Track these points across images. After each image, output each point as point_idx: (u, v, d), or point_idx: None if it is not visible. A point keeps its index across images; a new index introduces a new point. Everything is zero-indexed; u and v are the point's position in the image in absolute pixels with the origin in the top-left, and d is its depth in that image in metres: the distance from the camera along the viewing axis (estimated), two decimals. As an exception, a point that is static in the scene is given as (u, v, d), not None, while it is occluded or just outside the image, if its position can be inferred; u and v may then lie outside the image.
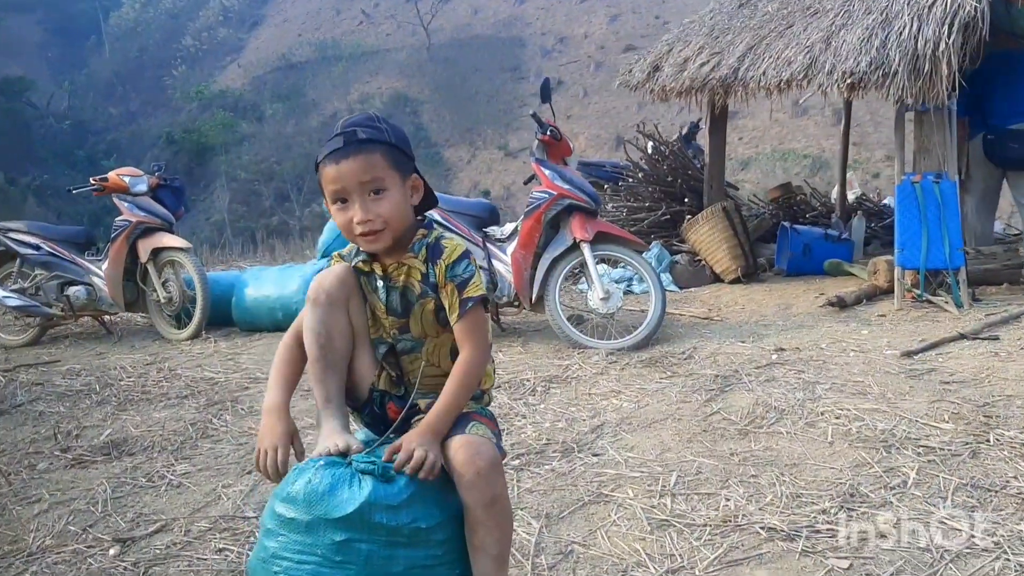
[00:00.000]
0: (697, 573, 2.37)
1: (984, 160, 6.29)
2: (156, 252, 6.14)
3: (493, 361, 1.95)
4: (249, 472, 3.42)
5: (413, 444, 1.61)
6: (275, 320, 6.15)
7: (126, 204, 6.21)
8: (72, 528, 3.00)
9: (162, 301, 6.16)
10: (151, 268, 6.15)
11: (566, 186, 4.91)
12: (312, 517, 1.49)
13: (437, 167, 42.87)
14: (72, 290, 6.28)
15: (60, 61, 55.41)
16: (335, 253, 1.94)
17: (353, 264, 1.85)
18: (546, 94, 5.13)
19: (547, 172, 4.95)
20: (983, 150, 6.25)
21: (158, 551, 2.79)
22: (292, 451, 1.71)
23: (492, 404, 2.03)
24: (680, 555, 2.47)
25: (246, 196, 40.30)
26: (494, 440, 1.74)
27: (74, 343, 6.39)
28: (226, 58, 59.48)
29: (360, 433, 1.91)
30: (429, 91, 48.95)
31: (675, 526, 2.65)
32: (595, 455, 3.29)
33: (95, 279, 6.30)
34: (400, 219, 1.78)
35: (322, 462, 1.56)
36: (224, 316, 6.42)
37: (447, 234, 1.87)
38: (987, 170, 6.36)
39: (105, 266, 6.24)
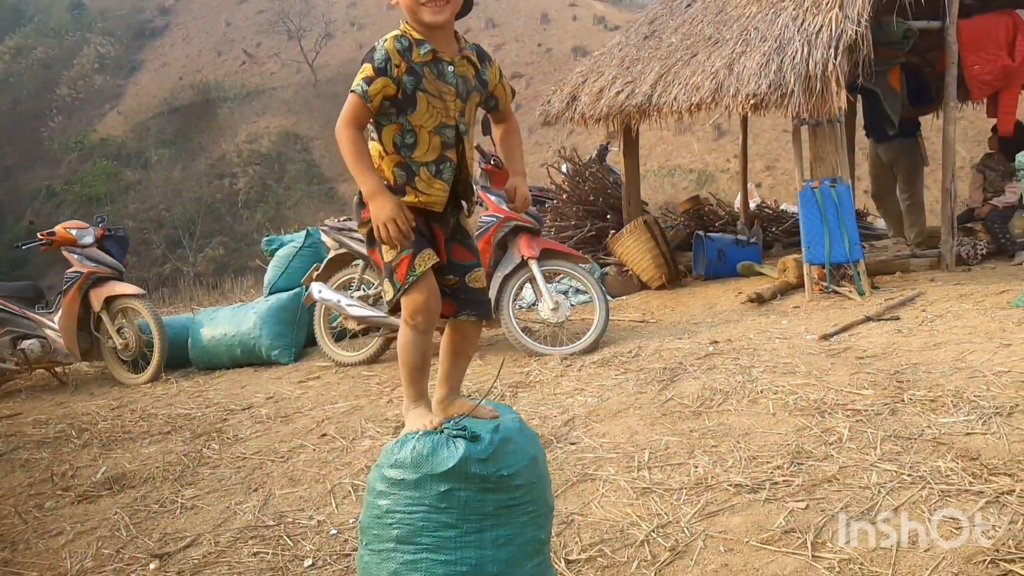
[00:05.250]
0: (682, 525, 2.82)
1: None
2: (109, 300, 6.29)
3: None
4: (256, 490, 3.71)
5: (523, 188, 2.41)
6: (234, 357, 6.39)
7: (75, 256, 6.33)
8: (106, 551, 3.25)
9: (119, 347, 6.31)
10: (105, 316, 6.29)
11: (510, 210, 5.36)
12: (420, 475, 1.88)
13: (333, 202, 42.69)
14: (26, 343, 6.35)
15: (-72, 115, 53.19)
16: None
17: (423, 54, 2.17)
18: (487, 128, 5.57)
19: (493, 198, 5.39)
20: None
21: (196, 561, 3.08)
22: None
23: None
24: (665, 513, 2.91)
25: (135, 246, 39.21)
26: None
27: (29, 396, 6.42)
28: (105, 106, 57.95)
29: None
30: (319, 127, 48.72)
31: (656, 492, 3.09)
32: (572, 444, 3.71)
33: (48, 331, 6.40)
34: None
35: (420, 433, 1.96)
36: (177, 358, 6.60)
37: None
38: None
39: (58, 317, 6.34)
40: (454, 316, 2.36)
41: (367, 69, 2.14)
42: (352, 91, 2.15)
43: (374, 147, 2.25)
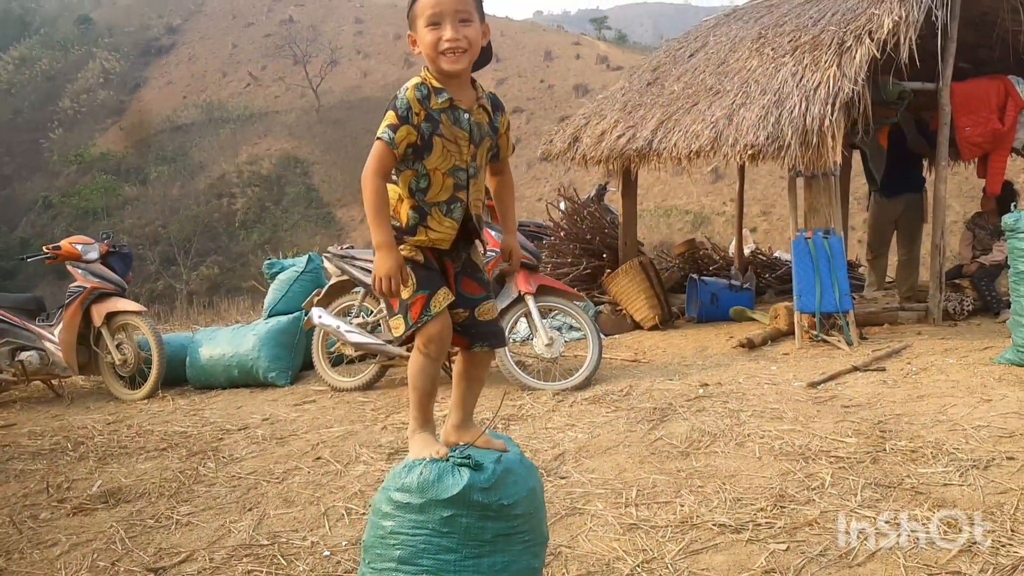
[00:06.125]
0: (667, 562, 2.90)
1: None
2: (110, 316, 6.38)
3: None
4: (251, 509, 3.78)
5: (517, 248, 2.67)
6: (231, 377, 6.47)
7: (80, 271, 6.42)
8: (101, 563, 3.30)
9: (117, 363, 6.38)
10: (105, 331, 6.37)
11: (510, 245, 5.50)
12: (425, 500, 1.99)
13: (330, 227, 42.96)
14: (25, 355, 6.42)
15: (-73, 123, 53.41)
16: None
17: (441, 101, 2.28)
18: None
19: (493, 233, 5.52)
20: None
21: (191, 576, 3.15)
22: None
23: None
24: (650, 550, 3.00)
25: (129, 261, 39.21)
26: None
27: (24, 407, 6.47)
28: (107, 120, 58.31)
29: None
30: (319, 152, 49.09)
31: (642, 528, 3.18)
32: (562, 478, 3.80)
33: (48, 344, 6.47)
34: (476, 48, 2.29)
35: (427, 460, 2.07)
36: (174, 375, 6.67)
37: None
38: None
39: (59, 331, 6.42)
40: (468, 349, 2.46)
41: (391, 117, 2.25)
42: (379, 138, 2.25)
43: (393, 190, 2.36)
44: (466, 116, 2.33)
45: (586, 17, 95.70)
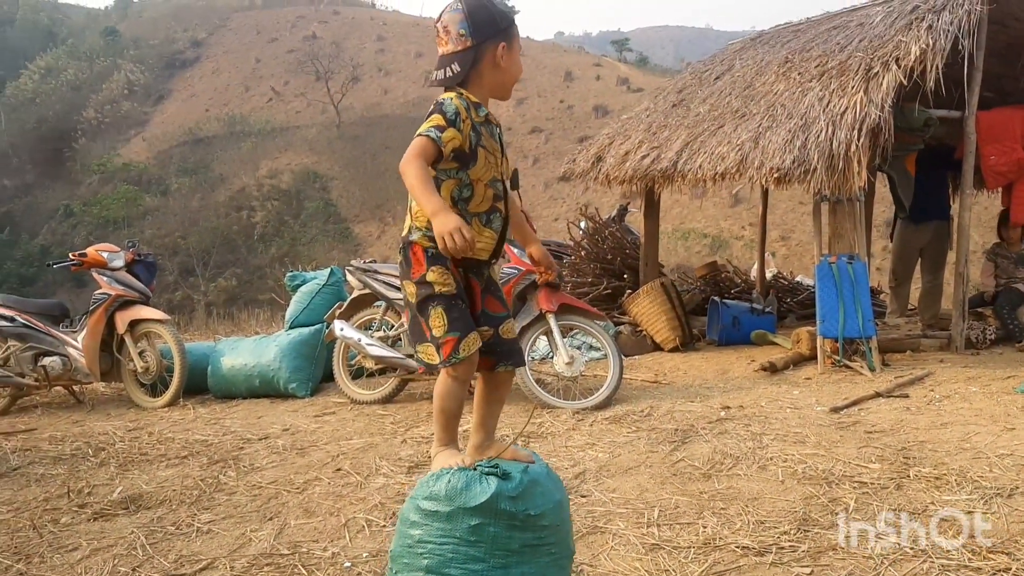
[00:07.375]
0: (689, 583, 2.90)
1: None
2: (134, 324, 6.43)
3: None
4: (272, 519, 3.79)
5: (546, 254, 2.75)
6: (252, 387, 6.50)
7: (105, 278, 6.49)
8: (122, 568, 3.31)
9: (139, 371, 6.42)
10: (128, 339, 6.42)
11: (532, 263, 5.52)
12: (453, 508, 1.99)
13: (347, 241, 43.06)
14: (48, 360, 6.47)
15: (-48, 132, 54.08)
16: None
17: (482, 115, 2.40)
18: (515, 182, 5.73)
19: (516, 251, 5.54)
20: None
21: (212, 584, 3.15)
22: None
23: None
24: (673, 570, 2.99)
25: (149, 271, 39.50)
26: None
27: (46, 412, 6.52)
28: (130, 131, 58.88)
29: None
30: (339, 167, 49.30)
31: (665, 549, 3.17)
32: (583, 496, 3.79)
33: (70, 350, 6.52)
34: None
35: (455, 469, 2.07)
36: (195, 384, 6.71)
37: None
38: None
39: (82, 337, 6.48)
40: (492, 369, 2.47)
41: (438, 119, 2.26)
42: (425, 135, 2.24)
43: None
44: (497, 130, 2.41)
45: (607, 39, 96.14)
